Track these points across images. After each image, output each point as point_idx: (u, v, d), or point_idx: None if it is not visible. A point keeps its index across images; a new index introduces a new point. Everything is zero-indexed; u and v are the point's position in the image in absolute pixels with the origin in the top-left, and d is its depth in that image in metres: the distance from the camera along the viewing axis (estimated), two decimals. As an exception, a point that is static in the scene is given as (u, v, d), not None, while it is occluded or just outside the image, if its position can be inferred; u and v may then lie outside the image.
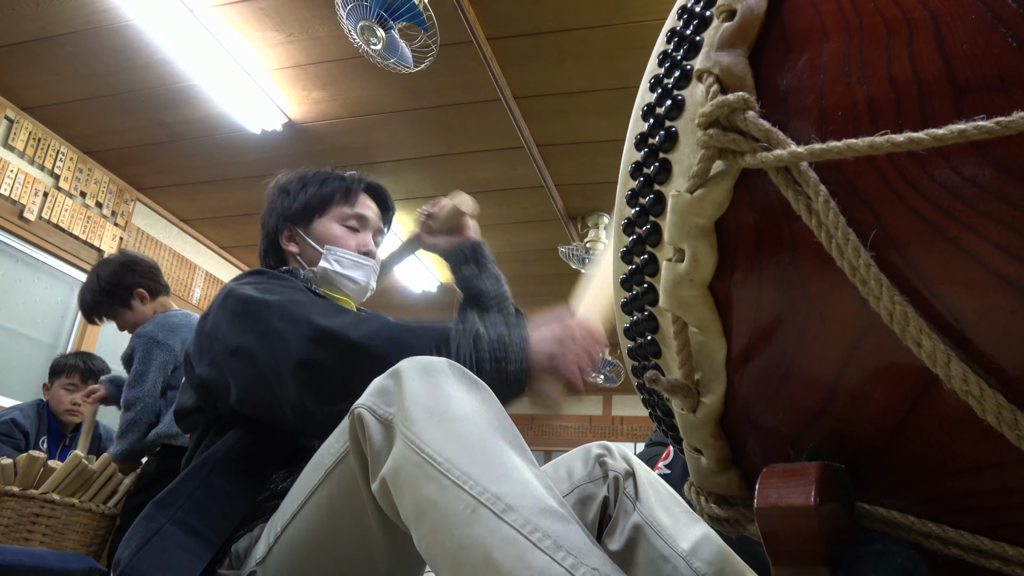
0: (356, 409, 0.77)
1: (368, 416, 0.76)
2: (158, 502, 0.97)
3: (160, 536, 0.92)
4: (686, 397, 0.55)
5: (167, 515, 0.94)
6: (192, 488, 0.97)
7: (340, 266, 1.26)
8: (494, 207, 4.28)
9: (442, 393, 0.74)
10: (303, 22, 2.91)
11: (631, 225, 0.57)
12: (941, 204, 0.41)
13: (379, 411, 0.76)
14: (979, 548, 0.46)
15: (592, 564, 0.58)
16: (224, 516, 0.95)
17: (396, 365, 0.78)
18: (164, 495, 0.97)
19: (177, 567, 0.89)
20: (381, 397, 0.76)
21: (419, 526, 0.68)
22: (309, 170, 1.35)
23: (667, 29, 0.59)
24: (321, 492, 0.85)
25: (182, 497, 0.96)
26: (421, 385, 0.74)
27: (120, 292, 2.22)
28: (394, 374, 0.77)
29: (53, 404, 2.79)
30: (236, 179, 4.09)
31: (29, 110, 3.59)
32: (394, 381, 0.76)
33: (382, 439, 0.74)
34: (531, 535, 0.60)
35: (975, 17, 0.42)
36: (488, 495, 0.64)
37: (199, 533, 0.93)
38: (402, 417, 0.73)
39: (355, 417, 0.77)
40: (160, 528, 0.92)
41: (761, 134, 0.46)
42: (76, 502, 1.77)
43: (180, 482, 0.98)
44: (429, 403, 0.73)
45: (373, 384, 0.78)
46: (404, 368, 0.77)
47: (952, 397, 0.42)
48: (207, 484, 0.97)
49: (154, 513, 0.95)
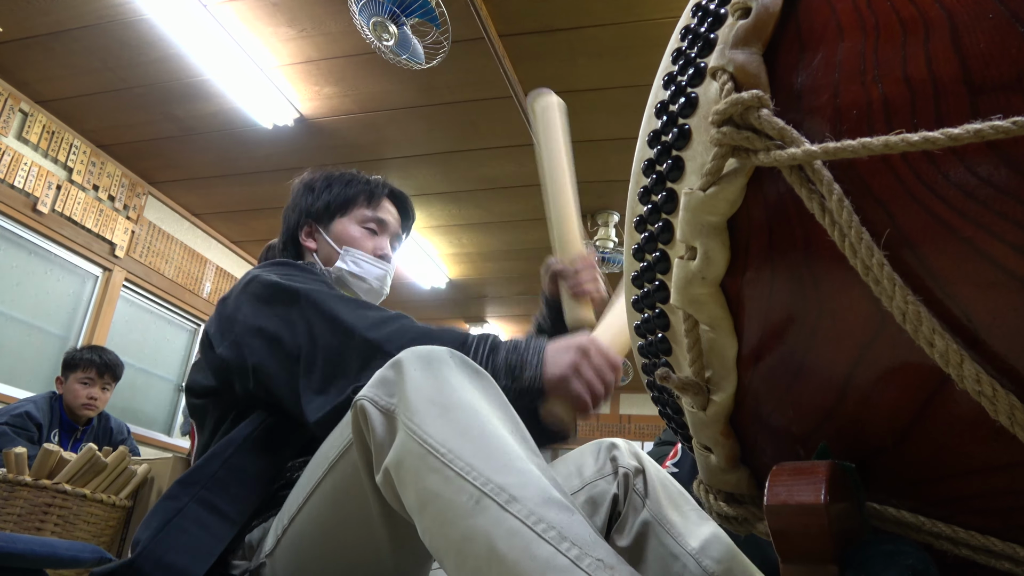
0: (358, 401, 0.77)
1: (370, 407, 0.76)
2: (182, 481, 0.98)
3: (181, 516, 0.92)
4: (696, 395, 0.55)
5: (190, 494, 0.95)
6: (216, 467, 0.97)
7: (356, 267, 1.28)
8: (504, 204, 4.28)
9: (444, 383, 0.74)
10: (315, 18, 2.92)
11: (643, 222, 0.57)
12: (956, 204, 0.41)
13: (381, 402, 0.76)
14: (990, 549, 0.46)
15: (597, 555, 0.58)
16: (246, 496, 0.96)
17: (397, 355, 0.78)
18: (188, 474, 0.98)
19: (195, 550, 0.89)
20: (383, 388, 0.76)
21: (423, 517, 0.68)
22: (336, 170, 1.37)
23: (681, 26, 0.59)
24: (325, 485, 0.86)
25: (205, 476, 0.96)
26: (422, 375, 0.75)
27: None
28: (395, 364, 0.77)
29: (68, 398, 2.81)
30: (247, 174, 4.10)
31: (43, 103, 3.61)
32: (395, 372, 0.77)
33: (384, 430, 0.75)
34: (535, 526, 0.60)
35: (992, 16, 0.41)
36: (492, 486, 0.64)
37: (221, 512, 0.93)
38: (404, 408, 0.73)
39: (357, 409, 0.78)
40: (182, 508, 0.93)
41: (775, 132, 0.46)
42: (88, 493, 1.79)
43: (204, 462, 0.99)
44: (431, 393, 0.73)
45: (375, 376, 0.78)
46: (405, 358, 0.77)
47: (964, 398, 0.42)
48: (230, 464, 0.98)
49: (177, 492, 0.96)
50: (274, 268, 1.15)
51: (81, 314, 3.97)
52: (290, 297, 1.03)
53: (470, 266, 5.18)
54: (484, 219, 4.48)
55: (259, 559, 0.91)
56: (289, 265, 1.19)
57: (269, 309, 1.03)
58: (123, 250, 4.12)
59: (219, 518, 0.93)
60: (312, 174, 1.37)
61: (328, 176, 1.35)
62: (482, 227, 4.59)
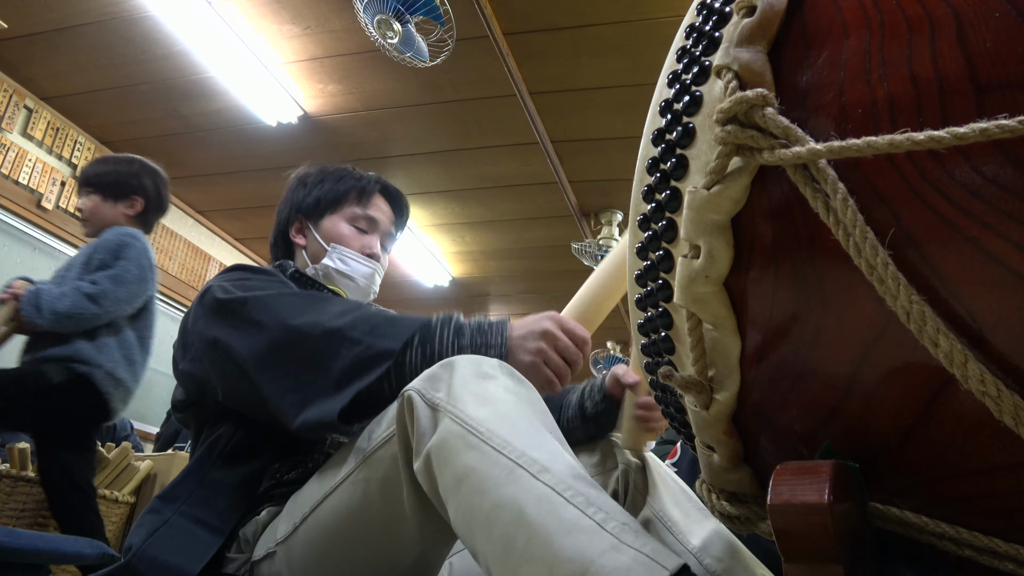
0: (407, 392, 0.80)
1: (417, 399, 0.78)
2: (162, 497, 0.98)
3: (168, 526, 0.93)
4: (699, 394, 0.55)
5: (173, 509, 0.95)
6: (194, 484, 0.98)
7: (343, 264, 1.27)
8: (507, 203, 4.28)
9: (490, 383, 0.78)
10: (320, 15, 2.92)
11: (647, 221, 0.57)
12: (961, 203, 0.41)
13: (428, 395, 0.78)
14: (993, 550, 0.46)
15: (622, 520, 0.61)
16: (229, 507, 0.96)
17: (451, 358, 0.82)
18: (168, 490, 0.99)
19: (188, 550, 0.90)
20: (431, 383, 0.79)
21: (457, 494, 0.70)
22: (331, 165, 1.36)
23: (686, 24, 0.59)
24: (358, 475, 0.86)
25: (185, 493, 0.97)
26: (471, 374, 0.78)
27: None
28: (447, 364, 0.80)
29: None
30: (251, 171, 4.11)
31: (48, 100, 3.62)
32: (446, 371, 0.80)
33: (429, 420, 0.77)
34: (564, 492, 0.63)
35: (999, 15, 0.41)
36: (526, 458, 0.66)
37: (206, 523, 0.94)
38: (449, 399, 0.76)
39: (404, 400, 0.80)
40: (167, 520, 0.94)
41: (780, 131, 0.46)
42: (90, 489, 1.79)
43: (182, 479, 1.00)
44: (476, 390, 0.76)
45: (425, 372, 0.81)
46: (458, 361, 0.81)
47: (968, 398, 0.42)
48: (208, 480, 0.98)
49: (160, 507, 0.96)
50: (229, 275, 1.13)
51: (85, 310, 3.97)
52: (239, 304, 1.01)
53: (473, 264, 5.18)
54: (488, 217, 4.48)
55: (268, 546, 0.92)
56: (245, 269, 1.17)
57: (221, 320, 1.02)
58: (127, 247, 4.12)
59: (204, 528, 0.94)
60: (307, 168, 1.36)
61: (321, 171, 1.34)
62: (486, 225, 4.59)
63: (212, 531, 0.93)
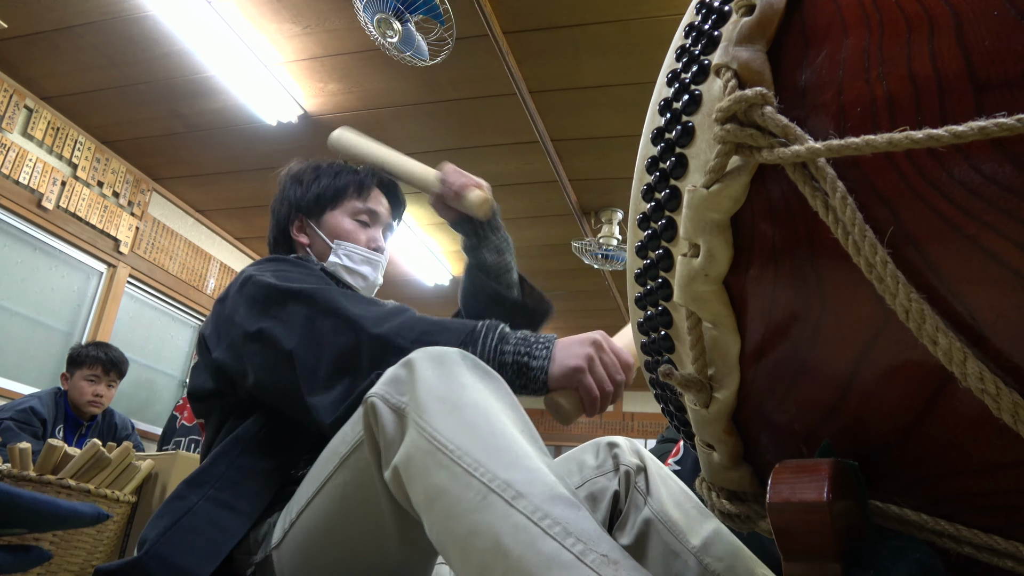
0: (369, 398, 0.78)
1: (381, 405, 0.76)
2: (190, 481, 0.97)
3: (191, 515, 0.92)
4: (699, 392, 0.55)
5: (200, 494, 0.94)
6: (224, 467, 0.97)
7: (350, 261, 1.27)
8: (507, 201, 4.27)
9: (454, 382, 0.74)
10: (320, 14, 2.92)
11: (646, 220, 0.57)
12: (960, 202, 0.41)
13: (392, 400, 0.76)
14: (993, 547, 0.46)
15: (601, 551, 0.59)
16: (258, 492, 0.95)
17: (409, 355, 0.78)
18: (196, 475, 0.97)
19: (202, 550, 0.89)
20: (394, 386, 0.77)
21: (430, 513, 0.68)
22: (323, 160, 1.36)
23: (685, 23, 0.59)
24: (336, 480, 0.86)
25: (215, 476, 0.96)
26: (434, 374, 0.75)
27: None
28: (407, 364, 0.78)
29: (74, 395, 2.81)
30: (251, 170, 4.11)
31: (48, 99, 3.62)
32: (407, 371, 0.77)
33: (395, 428, 0.75)
34: (541, 522, 0.60)
35: (997, 13, 0.41)
36: (499, 482, 0.64)
37: (234, 508, 0.93)
38: (415, 406, 0.73)
39: (368, 406, 0.78)
40: (192, 507, 0.92)
41: (779, 130, 0.46)
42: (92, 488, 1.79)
43: (211, 462, 0.98)
44: (441, 392, 0.73)
45: (386, 373, 0.79)
46: (417, 358, 0.77)
47: (967, 396, 0.42)
48: (239, 464, 0.97)
49: (185, 493, 0.95)
50: (269, 265, 1.13)
51: (85, 310, 3.98)
52: (287, 297, 1.01)
53: (473, 263, 5.17)
54: (488, 216, 4.47)
55: (265, 552, 0.91)
56: (283, 261, 1.18)
57: (266, 311, 1.01)
58: (127, 246, 4.13)
59: (233, 513, 0.92)
60: (298, 164, 1.36)
61: (316, 167, 1.34)
62: (486, 224, 4.58)
63: (239, 516, 0.92)
